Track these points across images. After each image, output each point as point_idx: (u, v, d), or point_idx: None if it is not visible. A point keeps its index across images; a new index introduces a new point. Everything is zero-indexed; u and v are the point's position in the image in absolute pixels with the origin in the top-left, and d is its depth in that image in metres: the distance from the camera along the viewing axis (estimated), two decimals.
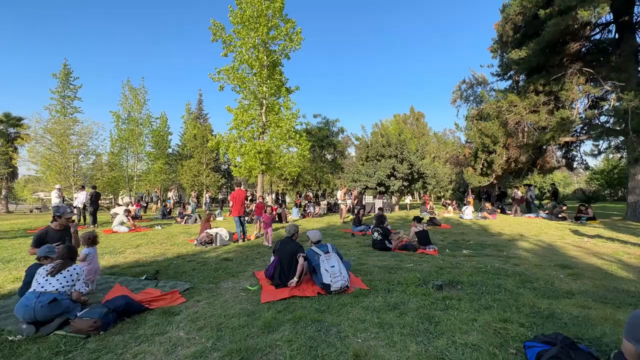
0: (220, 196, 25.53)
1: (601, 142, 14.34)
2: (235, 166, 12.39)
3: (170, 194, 21.37)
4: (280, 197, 21.45)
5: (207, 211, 14.17)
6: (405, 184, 18.45)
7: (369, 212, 16.90)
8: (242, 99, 11.83)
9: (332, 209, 18.65)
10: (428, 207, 15.98)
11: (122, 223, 10.00)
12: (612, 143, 14.23)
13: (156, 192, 21.18)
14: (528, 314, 3.03)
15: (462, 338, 2.57)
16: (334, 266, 3.94)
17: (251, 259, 5.91)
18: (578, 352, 2.11)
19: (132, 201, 19.12)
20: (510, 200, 17.05)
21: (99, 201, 12.86)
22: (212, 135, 17.71)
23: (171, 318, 3.13)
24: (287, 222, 13.02)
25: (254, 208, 10.09)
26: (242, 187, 8.36)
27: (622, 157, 16.56)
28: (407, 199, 19.01)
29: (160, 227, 10.89)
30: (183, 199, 30.47)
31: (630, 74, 11.92)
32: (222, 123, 33.26)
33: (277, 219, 13.49)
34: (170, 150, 30.63)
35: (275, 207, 15.27)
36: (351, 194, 14.69)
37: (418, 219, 7.73)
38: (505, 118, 14.16)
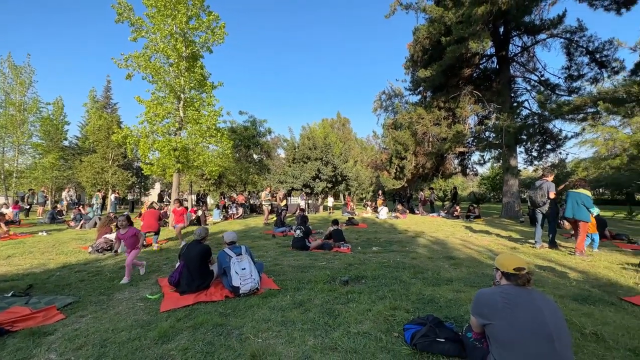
0: (130, 197, 22.70)
1: (485, 153, 17.30)
2: (147, 164, 11.20)
3: (64, 194, 18.16)
4: (201, 198, 20.15)
5: (111, 213, 12.49)
6: (330, 185, 19.24)
7: (294, 212, 17.12)
8: (157, 91, 10.77)
9: (257, 210, 18.32)
10: (349, 207, 16.94)
11: None
12: (493, 154, 17.27)
13: (43, 191, 17.73)
14: (414, 301, 3.47)
15: (356, 327, 2.80)
16: (244, 268, 3.88)
17: (157, 266, 5.42)
18: (443, 329, 2.50)
19: (8, 203, 15.66)
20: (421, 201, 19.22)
21: None
22: (119, 127, 15.66)
23: (41, 339, 2.67)
24: (206, 225, 12.31)
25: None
26: (155, 206, 7.80)
27: (500, 165, 20.16)
28: (330, 201, 19.81)
29: (44, 234, 9.17)
30: (83, 199, 26.23)
31: (505, 98, 14.65)
32: (135, 115, 29.79)
33: (195, 222, 12.66)
34: (66, 143, 26.06)
35: (194, 208, 14.31)
36: (275, 194, 14.66)
37: (335, 222, 8.14)
38: (415, 128, 15.96)
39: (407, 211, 16.52)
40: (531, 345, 1.83)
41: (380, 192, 18.58)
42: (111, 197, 17.64)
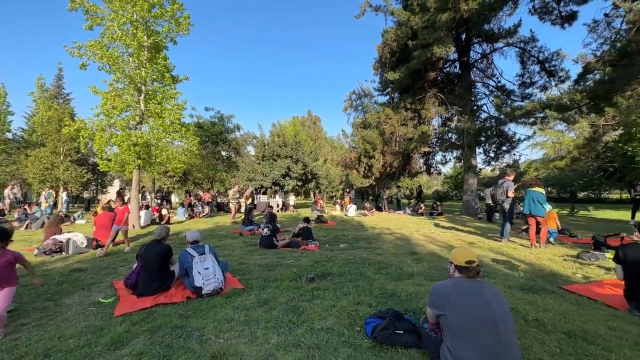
0: (86, 195, 21.05)
1: (448, 153, 18.18)
2: (104, 159, 10.47)
3: (6, 191, 16.48)
4: (165, 196, 19.24)
5: (61, 212, 11.58)
6: (300, 183, 19.21)
7: (263, 211, 16.89)
8: (115, 82, 10.07)
9: (224, 208, 17.86)
10: (319, 205, 17.04)
11: None
12: (455, 154, 18.20)
13: None
14: (377, 296, 3.57)
15: (320, 324, 2.84)
16: (208, 268, 3.77)
17: (113, 268, 5.10)
18: (402, 321, 2.60)
19: None
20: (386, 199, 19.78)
21: None
22: (72, 120, 14.47)
23: None
24: (169, 224, 11.79)
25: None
26: (110, 208, 6.98)
27: (461, 165, 21.30)
28: (292, 199, 19.64)
29: None
30: (29, 197, 23.99)
31: (466, 102, 15.49)
32: (90, 107, 27.58)
33: (158, 221, 12.08)
34: (9, 135, 23.69)
35: (156, 207, 13.64)
36: (243, 192, 14.38)
37: (306, 219, 8.14)
38: (383, 128, 16.38)
39: (373, 209, 16.94)
40: (479, 333, 1.97)
41: (347, 190, 18.87)
42: (62, 195, 16.31)
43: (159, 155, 10.62)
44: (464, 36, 15.80)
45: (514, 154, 17.69)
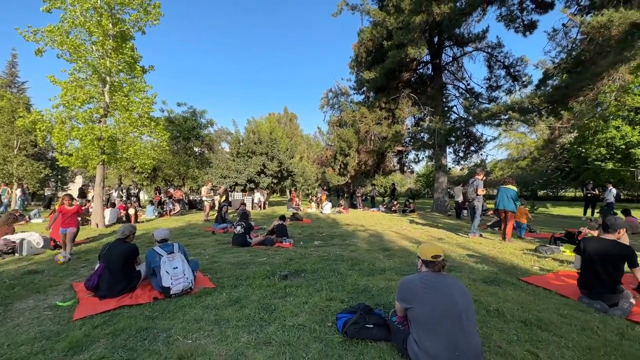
0: (48, 192, 19.58)
1: (420, 152, 18.76)
2: (64, 154, 9.79)
3: None
4: (134, 194, 18.33)
5: (15, 210, 10.74)
6: (275, 181, 19.05)
7: (238, 208, 16.59)
8: (76, 71, 9.42)
9: (196, 206, 17.34)
10: (294, 203, 16.98)
11: None
12: (427, 153, 18.81)
13: None
14: (349, 291, 3.63)
15: (292, 320, 2.84)
16: (177, 267, 3.65)
17: (73, 269, 4.80)
18: (372, 315, 2.66)
19: None
20: (360, 197, 20.09)
21: None
22: (27, 111, 13.38)
23: None
24: (138, 222, 11.28)
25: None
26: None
27: (433, 164, 22.07)
28: (256, 197, 19.41)
29: None
30: None
31: (438, 103, 16.03)
32: (49, 97, 25.68)
33: (125, 219, 11.51)
34: None
35: (123, 204, 13.00)
36: (215, 190, 14.04)
37: (282, 217, 8.08)
38: (358, 127, 16.59)
39: (349, 206, 17.16)
40: (443, 324, 2.06)
41: (323, 187, 18.98)
42: (16, 191, 15.10)
43: (126, 150, 10.09)
44: (436, 39, 16.31)
45: (482, 154, 18.57)
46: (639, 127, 15.97)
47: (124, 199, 15.62)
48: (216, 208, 13.62)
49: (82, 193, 15.65)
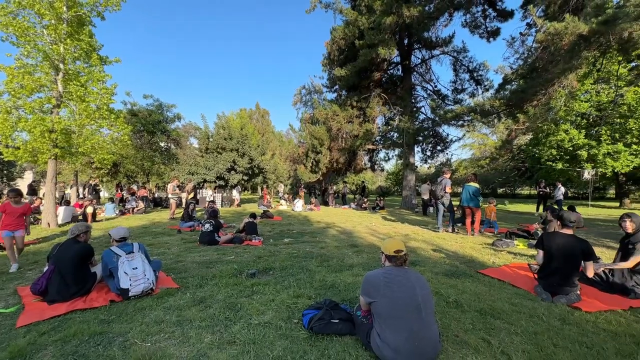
0: None
1: (390, 151, 19.26)
2: (10, 147, 8.94)
3: None
4: (90, 191, 17.15)
5: None
6: (246, 178, 18.68)
7: (206, 206, 16.09)
8: (23, 56, 8.58)
9: (162, 204, 16.61)
10: (265, 201, 16.79)
11: None
12: (397, 152, 19.36)
13: None
14: (317, 288, 3.65)
15: (258, 319, 2.80)
16: (136, 268, 3.47)
17: (19, 272, 4.41)
18: (338, 310, 2.70)
19: None
20: (332, 194, 20.27)
21: None
22: None
23: None
24: (96, 221, 10.59)
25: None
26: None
27: (402, 162, 22.77)
28: (235, 193, 19.15)
29: None
30: None
31: (407, 103, 16.52)
32: None
33: (81, 218, 10.74)
34: None
35: (79, 202, 12.14)
36: (182, 187, 13.53)
37: (253, 215, 7.95)
38: (330, 125, 16.70)
39: (320, 204, 17.27)
40: (404, 316, 2.14)
41: (301, 185, 18.96)
42: None
43: (82, 144, 9.40)
44: (406, 41, 16.77)
45: (447, 154, 19.44)
46: (584, 131, 17.50)
47: (88, 195, 14.61)
48: (183, 206, 13.15)
49: (32, 190, 14.40)
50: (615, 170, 16.48)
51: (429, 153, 19.22)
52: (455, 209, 11.91)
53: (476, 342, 2.42)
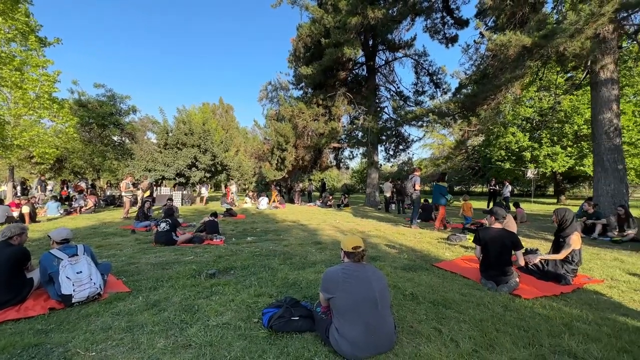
0: None
1: (355, 149, 19.65)
2: None
3: None
4: (42, 188, 15.47)
5: None
6: (208, 175, 18.01)
7: (165, 205, 15.26)
8: None
9: (115, 202, 15.49)
10: (229, 198, 16.32)
11: None
12: (361, 151, 19.80)
13: None
14: (279, 286, 3.63)
15: (216, 320, 2.73)
16: (80, 272, 3.20)
17: None
18: (298, 308, 2.70)
19: None
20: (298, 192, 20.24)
21: None
22: None
23: None
24: (36, 222, 9.59)
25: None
26: None
27: (366, 161, 23.35)
28: (203, 191, 18.55)
29: None
30: None
31: (371, 103, 16.95)
32: None
33: (18, 218, 9.66)
34: None
35: (16, 201, 10.93)
36: (136, 184, 12.73)
37: (214, 214, 7.68)
38: (296, 122, 16.62)
39: (286, 201, 17.17)
40: (361, 309, 2.21)
41: (274, 183, 18.66)
42: None
43: (19, 136, 8.47)
44: (371, 42, 17.18)
45: (409, 153, 20.31)
46: (529, 134, 19.19)
47: (38, 192, 13.16)
48: (139, 204, 12.36)
49: None
50: (554, 170, 18.28)
51: (391, 152, 19.92)
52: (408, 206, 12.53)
53: (428, 332, 2.56)
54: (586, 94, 15.63)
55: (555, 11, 9.63)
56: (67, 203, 13.95)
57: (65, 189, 16.05)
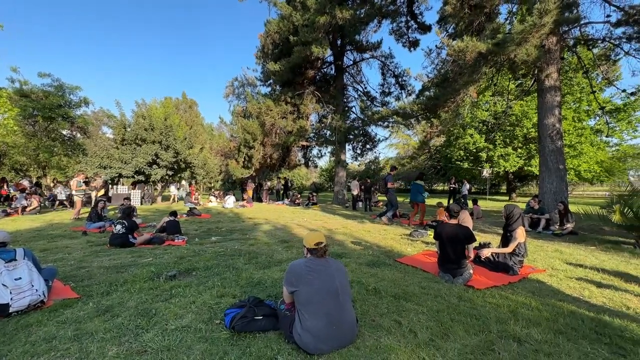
0: None
1: (323, 148, 19.78)
2: None
3: None
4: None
5: None
6: (170, 173, 17.17)
7: (122, 204, 14.31)
8: None
9: (64, 202, 14.25)
10: (193, 197, 15.71)
11: None
12: (329, 149, 19.97)
13: None
14: (243, 286, 3.57)
15: (175, 323, 2.62)
16: (20, 278, 2.91)
17: None
18: (262, 307, 2.67)
19: None
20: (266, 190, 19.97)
21: None
22: None
23: None
24: None
25: None
26: None
27: (334, 160, 23.60)
28: (172, 189, 17.82)
29: None
30: None
31: (339, 102, 17.14)
32: None
33: None
34: None
35: None
36: (88, 182, 11.84)
37: (173, 213, 7.33)
38: (264, 119, 16.38)
39: (254, 200, 16.88)
40: (324, 301, 2.26)
41: (248, 181, 18.19)
42: None
43: None
44: (339, 42, 17.34)
45: (376, 152, 20.83)
46: (484, 136, 20.53)
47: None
48: (92, 204, 11.48)
49: None
50: (506, 170, 19.73)
51: (359, 151, 20.28)
52: (380, 204, 12.95)
53: (389, 324, 2.65)
54: (534, 100, 17.06)
55: (507, 21, 10.40)
56: (6, 203, 12.61)
57: (4, 187, 14.49)
